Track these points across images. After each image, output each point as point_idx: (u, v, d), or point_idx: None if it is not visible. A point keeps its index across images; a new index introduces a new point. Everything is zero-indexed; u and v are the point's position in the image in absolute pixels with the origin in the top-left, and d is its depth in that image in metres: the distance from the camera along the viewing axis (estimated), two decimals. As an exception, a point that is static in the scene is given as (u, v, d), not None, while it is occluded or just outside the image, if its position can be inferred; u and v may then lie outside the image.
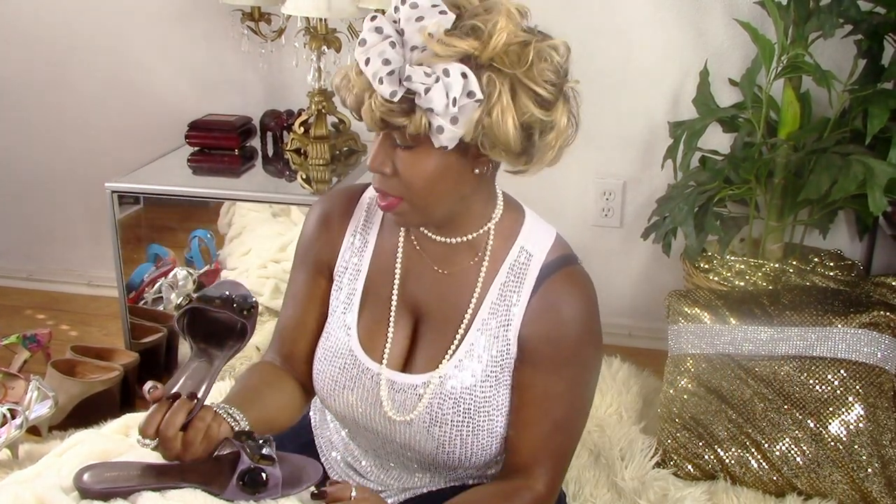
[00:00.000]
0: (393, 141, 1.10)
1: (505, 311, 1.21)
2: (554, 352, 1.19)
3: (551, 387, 1.19)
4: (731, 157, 2.21)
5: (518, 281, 1.21)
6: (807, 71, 2.05)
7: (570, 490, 1.86)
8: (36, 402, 2.03)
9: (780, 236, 2.26)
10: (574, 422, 1.24)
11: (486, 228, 1.22)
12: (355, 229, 1.29)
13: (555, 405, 1.20)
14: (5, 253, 3.00)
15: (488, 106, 1.04)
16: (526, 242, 1.22)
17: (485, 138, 1.07)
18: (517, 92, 1.06)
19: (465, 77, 1.03)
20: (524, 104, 1.06)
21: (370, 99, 1.06)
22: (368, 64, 1.04)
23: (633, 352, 2.48)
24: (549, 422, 1.21)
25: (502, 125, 1.05)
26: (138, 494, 1.07)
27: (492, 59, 1.04)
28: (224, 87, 2.66)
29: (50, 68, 2.76)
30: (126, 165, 2.34)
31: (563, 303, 1.20)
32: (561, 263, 1.22)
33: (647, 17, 2.39)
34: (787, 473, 1.85)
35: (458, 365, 1.21)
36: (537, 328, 1.20)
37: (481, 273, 1.22)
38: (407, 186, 1.11)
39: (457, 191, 1.14)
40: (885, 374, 1.87)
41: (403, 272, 1.26)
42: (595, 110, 2.52)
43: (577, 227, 2.58)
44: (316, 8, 2.10)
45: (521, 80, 1.06)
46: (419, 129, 1.05)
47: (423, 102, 1.03)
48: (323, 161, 2.34)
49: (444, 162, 1.10)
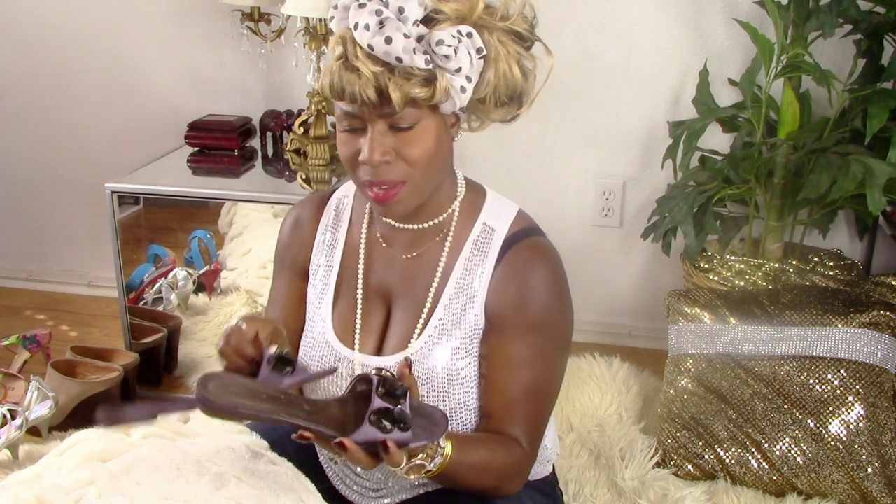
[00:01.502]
0: (385, 128, 1.12)
1: (470, 284, 1.23)
2: (520, 318, 1.21)
3: (518, 352, 1.21)
4: (731, 156, 2.21)
5: (482, 255, 1.24)
6: (806, 71, 2.05)
7: (570, 490, 1.86)
8: (36, 403, 2.03)
9: (780, 236, 2.26)
10: (545, 390, 1.25)
11: (451, 210, 1.26)
12: (325, 227, 1.34)
13: (523, 371, 1.21)
14: (5, 253, 3.00)
15: (492, 60, 1.13)
16: (488, 218, 1.26)
17: (497, 91, 1.15)
18: (505, 41, 1.14)
19: (470, 36, 1.11)
20: (515, 50, 1.15)
21: (393, 79, 1.08)
22: (391, 43, 1.06)
23: (633, 352, 2.48)
24: (520, 388, 1.21)
25: (510, 74, 1.15)
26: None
27: (479, 16, 1.12)
28: (224, 88, 2.66)
29: (50, 69, 2.76)
30: (126, 166, 2.34)
31: (526, 270, 1.22)
32: (523, 235, 1.25)
33: (647, 17, 2.39)
34: (787, 473, 1.85)
35: (428, 341, 1.23)
36: (503, 297, 1.22)
37: (444, 250, 1.25)
38: (413, 166, 1.14)
39: (446, 161, 1.21)
40: (885, 374, 1.87)
41: (370, 261, 1.29)
42: (595, 110, 2.55)
43: (576, 226, 2.58)
44: (315, 8, 2.10)
45: (507, 30, 1.14)
46: (441, 95, 1.10)
47: (451, 64, 1.09)
48: (323, 161, 2.34)
49: (438, 132, 1.15)
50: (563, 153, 2.51)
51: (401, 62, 1.07)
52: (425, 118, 1.12)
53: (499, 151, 2.46)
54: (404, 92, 1.08)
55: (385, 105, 1.09)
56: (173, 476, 1.15)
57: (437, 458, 1.09)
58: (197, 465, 1.17)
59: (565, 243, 1.30)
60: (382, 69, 1.08)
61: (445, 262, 1.25)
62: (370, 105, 1.09)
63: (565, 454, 1.98)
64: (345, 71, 1.09)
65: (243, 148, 2.51)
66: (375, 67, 1.07)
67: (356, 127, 1.13)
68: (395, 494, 1.35)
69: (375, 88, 1.08)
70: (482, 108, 1.19)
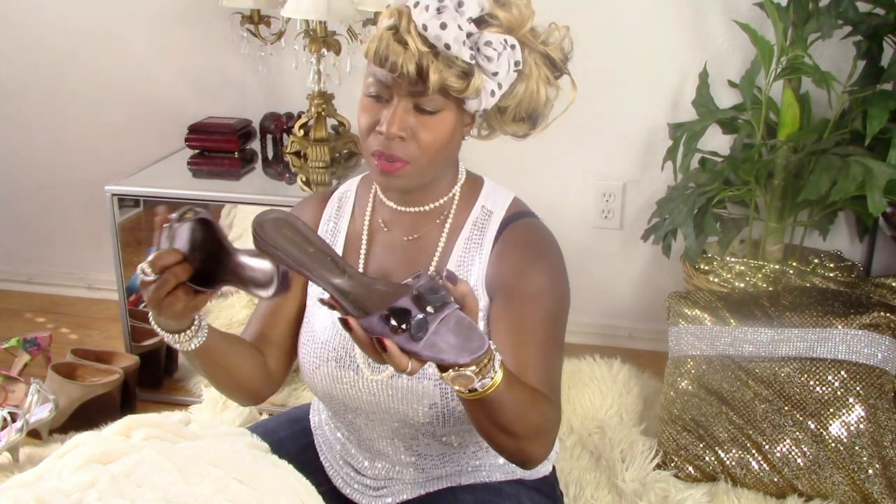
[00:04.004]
0: (409, 106, 1.16)
1: (470, 262, 1.27)
2: (522, 282, 1.23)
3: (529, 313, 1.21)
4: (731, 158, 2.21)
5: (480, 234, 1.28)
6: (806, 72, 2.05)
7: (570, 492, 1.86)
8: (36, 406, 2.03)
9: (780, 237, 2.26)
10: (558, 350, 1.24)
11: (451, 194, 1.30)
12: (328, 218, 1.37)
13: (538, 330, 1.21)
14: (5, 256, 3.00)
15: (525, 76, 1.18)
16: (486, 202, 1.31)
17: (520, 106, 1.20)
18: (539, 64, 1.20)
19: (513, 48, 1.16)
20: (545, 74, 1.21)
21: (435, 63, 1.12)
22: (445, 29, 1.11)
23: (634, 353, 2.48)
24: (537, 347, 1.20)
25: (536, 94, 1.20)
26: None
27: (523, 33, 1.17)
28: (224, 90, 2.66)
29: (50, 71, 2.76)
30: (126, 168, 2.34)
31: (527, 242, 1.27)
32: (520, 216, 1.30)
33: (647, 19, 2.39)
34: (787, 475, 1.85)
35: None
36: (503, 267, 1.25)
37: (444, 232, 1.29)
38: (423, 149, 1.18)
39: (451, 155, 1.25)
40: (885, 376, 1.87)
41: (371, 246, 1.32)
42: (595, 112, 2.55)
43: (577, 228, 2.58)
44: (315, 11, 2.10)
45: (544, 54, 1.20)
46: (472, 91, 1.14)
47: (491, 66, 1.14)
48: (323, 163, 2.34)
49: (454, 126, 1.20)
50: (562, 155, 2.52)
51: (448, 49, 1.12)
52: (448, 109, 1.17)
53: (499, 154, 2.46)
54: (442, 77, 1.13)
55: (419, 84, 1.14)
56: (174, 478, 1.15)
57: (486, 378, 1.02)
58: (198, 468, 1.17)
59: (565, 245, 1.31)
60: (428, 51, 1.12)
61: (445, 242, 1.28)
62: (406, 79, 1.14)
63: (566, 456, 1.98)
64: (393, 41, 1.13)
65: (243, 150, 2.51)
66: (423, 47, 1.12)
67: (382, 96, 1.18)
68: (395, 494, 1.36)
69: (417, 66, 1.12)
70: (500, 118, 1.23)
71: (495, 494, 1.33)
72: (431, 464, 1.34)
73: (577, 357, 2.35)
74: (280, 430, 1.46)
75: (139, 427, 1.31)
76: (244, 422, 2.07)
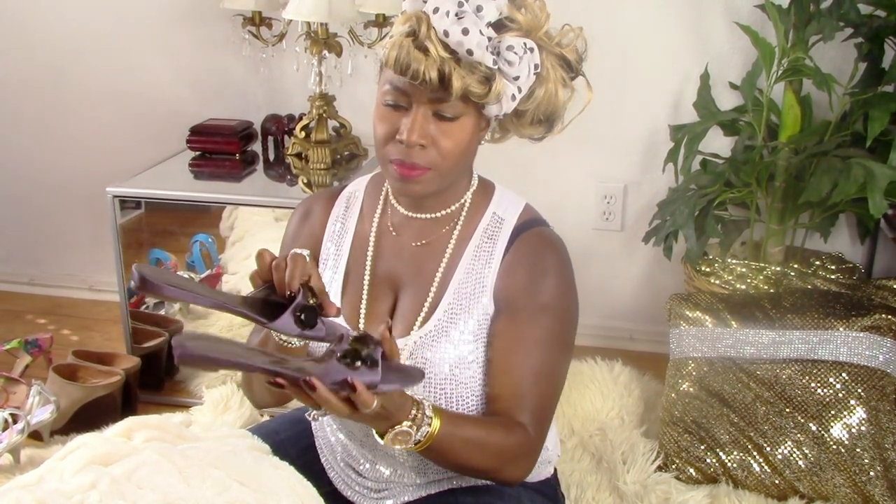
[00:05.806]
0: (429, 114, 1.16)
1: (480, 270, 1.26)
2: (530, 300, 1.23)
3: (528, 334, 1.22)
4: (732, 160, 2.21)
5: (491, 242, 1.28)
6: (807, 74, 2.05)
7: (571, 494, 1.86)
8: (37, 407, 2.03)
9: (781, 239, 2.26)
10: (554, 371, 1.25)
11: (462, 201, 1.30)
12: (336, 218, 1.36)
13: (533, 353, 1.22)
14: (7, 258, 3.01)
15: (543, 79, 1.19)
16: (497, 208, 1.31)
17: (538, 108, 1.21)
18: (555, 66, 1.20)
19: (532, 51, 1.16)
20: (562, 76, 1.21)
21: (458, 69, 1.12)
22: (467, 34, 1.10)
23: (635, 355, 2.48)
24: (529, 370, 1.22)
25: (554, 97, 1.20)
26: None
27: (540, 36, 1.18)
28: (225, 92, 2.67)
29: (52, 73, 2.76)
30: (127, 170, 2.34)
31: (536, 255, 1.26)
32: (532, 224, 1.29)
33: (648, 21, 2.39)
34: (789, 477, 1.85)
35: (437, 325, 1.25)
36: (512, 280, 1.25)
37: (453, 238, 1.28)
38: (444, 156, 1.18)
39: (469, 160, 1.25)
40: (887, 378, 1.87)
41: (379, 250, 1.32)
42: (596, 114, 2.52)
43: (578, 230, 2.58)
44: (316, 12, 2.10)
45: (560, 55, 1.20)
46: (493, 96, 1.14)
47: (513, 71, 1.14)
48: (324, 165, 2.34)
49: (473, 131, 1.20)
50: (564, 157, 2.51)
51: (470, 55, 1.11)
52: (468, 114, 1.17)
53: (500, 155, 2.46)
54: (465, 83, 1.12)
55: (440, 90, 1.13)
56: (175, 480, 1.15)
57: (423, 426, 1.08)
58: (199, 469, 1.17)
59: (567, 247, 1.31)
60: (450, 57, 1.12)
61: (454, 248, 1.28)
62: (427, 86, 1.13)
63: (567, 458, 1.98)
64: (413, 48, 1.12)
65: (245, 152, 2.51)
66: (444, 53, 1.11)
67: (400, 104, 1.17)
68: (397, 496, 1.35)
69: (439, 72, 1.12)
70: (517, 121, 1.23)
71: (497, 496, 1.33)
72: (432, 466, 1.34)
73: (578, 359, 2.34)
74: (281, 432, 1.46)
75: (140, 429, 1.31)
76: (245, 423, 2.07)
